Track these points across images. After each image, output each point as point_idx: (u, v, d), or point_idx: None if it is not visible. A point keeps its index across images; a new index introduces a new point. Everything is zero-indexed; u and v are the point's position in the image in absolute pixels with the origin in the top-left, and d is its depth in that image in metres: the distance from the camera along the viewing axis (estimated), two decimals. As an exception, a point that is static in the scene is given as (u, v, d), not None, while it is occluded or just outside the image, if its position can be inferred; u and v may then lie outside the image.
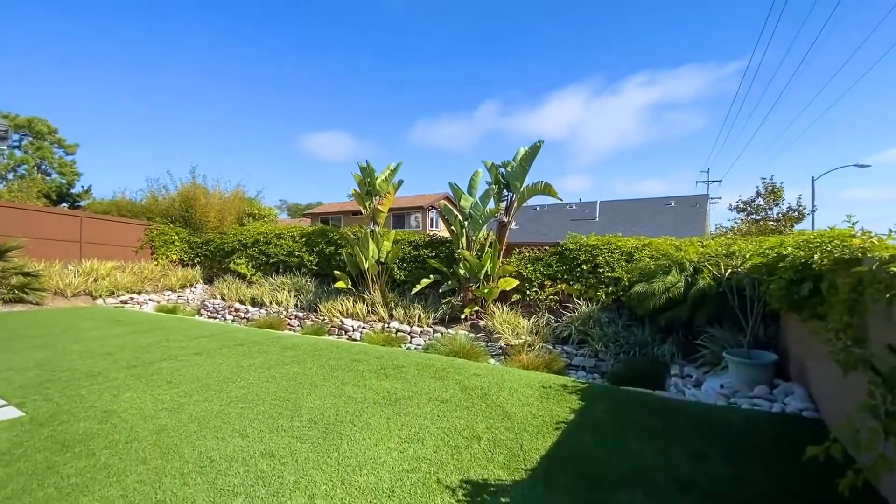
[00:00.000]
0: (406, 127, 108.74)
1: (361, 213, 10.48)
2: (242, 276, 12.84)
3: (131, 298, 11.92)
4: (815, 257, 3.32)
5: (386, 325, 9.15)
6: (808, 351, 4.19)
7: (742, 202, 23.43)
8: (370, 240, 9.73)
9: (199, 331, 6.97)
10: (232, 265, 13.05)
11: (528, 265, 9.08)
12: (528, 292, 8.97)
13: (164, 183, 19.19)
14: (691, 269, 6.41)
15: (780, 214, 22.12)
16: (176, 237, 14.68)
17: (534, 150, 8.63)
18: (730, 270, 5.35)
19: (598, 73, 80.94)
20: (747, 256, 4.96)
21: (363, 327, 9.30)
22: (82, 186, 37.70)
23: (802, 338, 4.46)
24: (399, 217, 28.20)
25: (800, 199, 22.13)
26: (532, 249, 9.35)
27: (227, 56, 64.93)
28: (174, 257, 14.55)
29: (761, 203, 22.65)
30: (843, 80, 64.15)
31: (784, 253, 3.90)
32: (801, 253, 3.60)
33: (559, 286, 8.67)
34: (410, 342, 8.70)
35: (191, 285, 13.69)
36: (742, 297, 5.38)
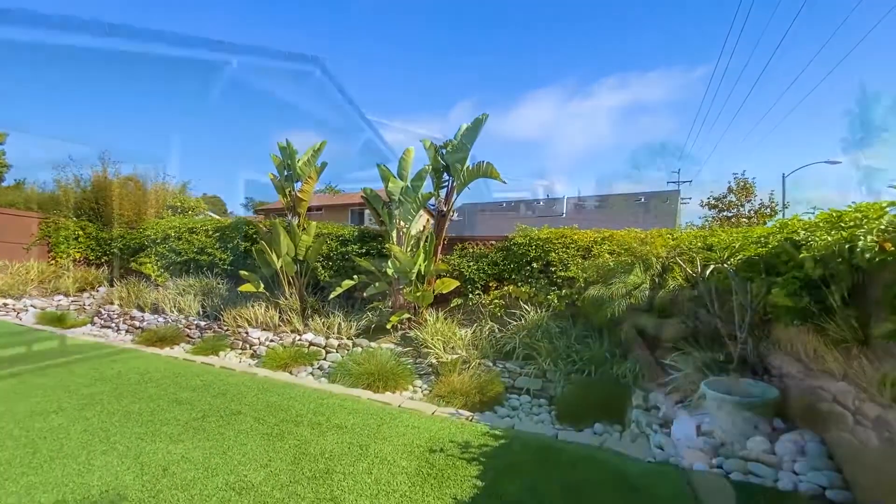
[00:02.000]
0: (379, 126, 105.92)
1: (321, 208, 8.81)
2: (148, 278, 10.92)
3: (4, 305, 9.89)
4: (863, 242, 1.90)
5: (298, 338, 7.50)
6: (830, 387, 2.81)
7: (713, 198, 22.60)
8: (283, 233, 8.03)
9: (17, 351, 5.19)
10: (135, 265, 11.11)
11: (471, 263, 7.58)
12: (470, 296, 7.47)
13: (73, 171, 16.67)
14: (659, 266, 5.04)
15: (752, 211, 21.39)
16: (81, 232, 12.58)
17: (476, 125, 7.14)
18: (711, 268, 3.96)
19: (570, 76, 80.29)
20: (737, 247, 3.55)
21: (272, 340, 7.62)
22: (15, 179, 34.35)
23: (815, 364, 3.09)
24: (359, 213, 26.34)
25: (772, 195, 21.46)
26: (476, 245, 7.87)
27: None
28: (78, 255, 12.46)
29: (733, 199, 21.88)
30: (807, 84, 65.40)
31: (797, 239, 2.49)
32: (831, 237, 2.18)
33: (506, 288, 7.21)
34: (325, 358, 7.07)
35: (92, 288, 11.65)
36: (724, 301, 4.02)
